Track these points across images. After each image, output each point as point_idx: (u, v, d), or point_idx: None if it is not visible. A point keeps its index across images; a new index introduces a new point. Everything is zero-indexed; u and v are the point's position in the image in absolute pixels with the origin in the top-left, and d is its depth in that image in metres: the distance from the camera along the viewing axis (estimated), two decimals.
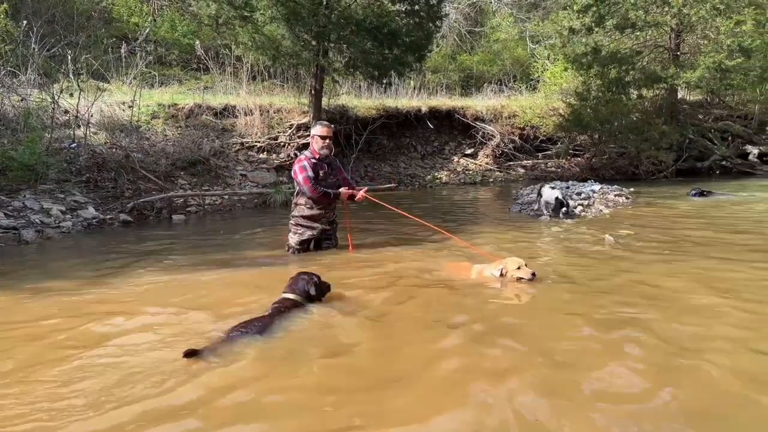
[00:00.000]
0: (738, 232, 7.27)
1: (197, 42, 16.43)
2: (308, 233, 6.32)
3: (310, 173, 6.11)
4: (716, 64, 14.46)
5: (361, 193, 6.34)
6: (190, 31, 18.02)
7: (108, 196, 9.76)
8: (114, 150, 10.68)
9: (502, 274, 4.82)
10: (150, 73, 14.73)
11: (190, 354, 3.14)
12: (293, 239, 6.34)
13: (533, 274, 4.72)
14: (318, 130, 6.26)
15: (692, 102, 19.71)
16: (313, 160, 6.21)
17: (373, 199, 6.57)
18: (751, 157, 17.69)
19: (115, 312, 4.10)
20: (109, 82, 13.45)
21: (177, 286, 4.97)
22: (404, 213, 6.94)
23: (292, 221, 6.41)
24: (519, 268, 4.77)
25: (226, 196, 11.31)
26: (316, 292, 4.25)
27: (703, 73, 14.75)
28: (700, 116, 18.81)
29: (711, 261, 5.60)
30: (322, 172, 6.25)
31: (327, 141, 6.20)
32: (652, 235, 7.23)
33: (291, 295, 4.16)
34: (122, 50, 14.29)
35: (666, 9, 15.26)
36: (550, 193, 8.18)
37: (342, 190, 6.28)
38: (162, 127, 12.34)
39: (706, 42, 16.57)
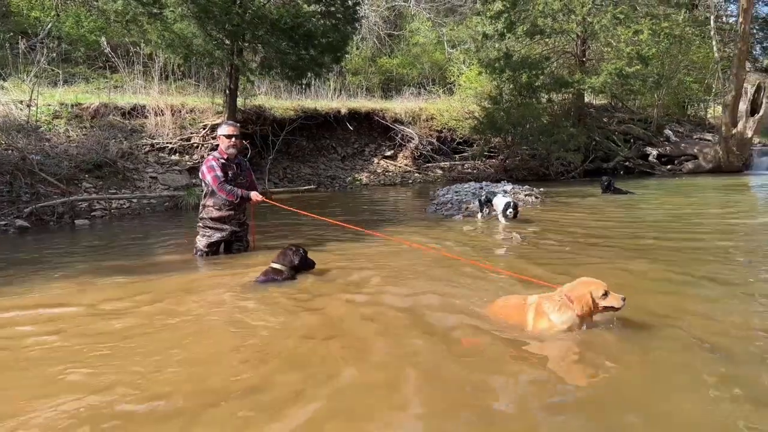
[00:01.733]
0: (637, 229, 7.75)
1: (103, 39, 15.68)
2: (217, 235, 6.17)
3: (219, 173, 5.99)
4: (617, 70, 15.35)
5: (260, 196, 6.27)
6: (97, 27, 17.19)
7: (2, 201, 9.14)
8: (9, 152, 10.00)
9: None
10: (52, 70, 13.93)
11: None
12: (201, 242, 6.18)
13: (623, 300, 3.44)
14: (224, 129, 6.15)
15: (598, 106, 20.84)
16: (222, 161, 6.10)
17: (274, 203, 6.47)
18: (650, 158, 18.89)
19: None
20: (5, 80, 12.62)
21: (73, 295, 4.71)
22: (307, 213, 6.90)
23: (200, 223, 6.25)
24: (605, 294, 3.41)
25: (135, 200, 10.86)
26: (300, 263, 5.03)
27: (606, 79, 15.64)
28: (605, 119, 19.92)
29: (609, 256, 5.92)
30: (231, 172, 6.14)
31: (233, 140, 6.10)
32: (555, 233, 7.56)
33: (278, 265, 4.94)
34: (21, 46, 13.47)
35: (572, 17, 16.05)
36: (502, 200, 8.37)
37: (253, 193, 6.16)
38: (65, 128, 11.69)
39: (608, 49, 17.55)
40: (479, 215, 9.06)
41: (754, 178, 16.41)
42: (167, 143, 12.84)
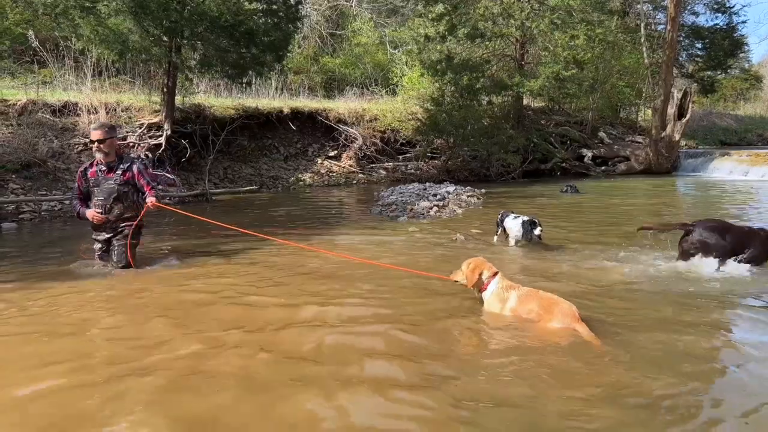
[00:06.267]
0: (575, 225, 8.01)
1: (31, 32, 14.87)
2: (97, 245, 5.90)
3: (76, 184, 5.84)
4: (555, 74, 15.82)
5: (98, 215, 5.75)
6: (24, 19, 16.25)
7: None
8: None
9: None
10: None
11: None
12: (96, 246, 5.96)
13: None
14: (90, 134, 5.81)
15: (536, 108, 21.42)
16: (85, 166, 5.85)
17: (167, 207, 6.18)
18: (586, 159, 19.56)
19: None
20: None
21: None
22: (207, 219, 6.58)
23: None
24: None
25: (67, 201, 10.36)
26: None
27: (543, 82, 16.08)
28: (543, 122, 20.49)
29: (549, 255, 6.09)
30: (94, 178, 5.75)
31: (96, 144, 5.65)
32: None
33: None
34: None
35: (511, 21, 16.41)
36: (516, 222, 6.72)
37: (89, 212, 5.69)
38: None
39: (546, 53, 18.04)
40: (495, 238, 7.27)
41: (681, 179, 17.26)
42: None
